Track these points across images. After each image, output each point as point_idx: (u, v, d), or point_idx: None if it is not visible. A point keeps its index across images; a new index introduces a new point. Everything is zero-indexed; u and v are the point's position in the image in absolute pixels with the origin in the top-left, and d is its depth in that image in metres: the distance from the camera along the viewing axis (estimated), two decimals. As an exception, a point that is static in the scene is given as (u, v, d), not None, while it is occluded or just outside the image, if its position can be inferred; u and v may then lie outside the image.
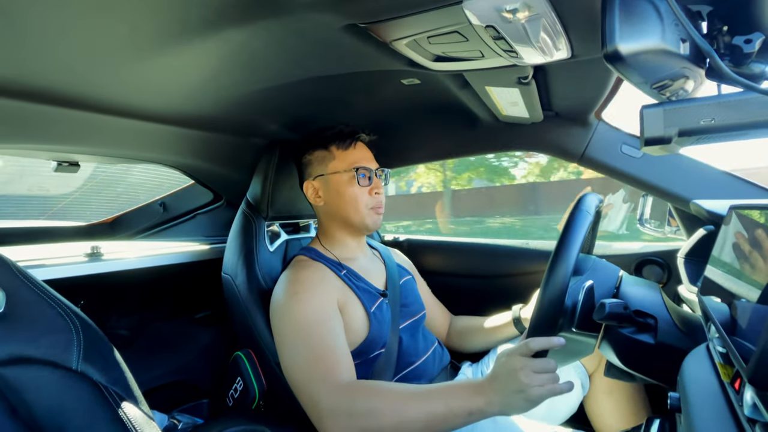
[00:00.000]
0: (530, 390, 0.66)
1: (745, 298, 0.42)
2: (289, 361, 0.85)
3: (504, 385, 0.69)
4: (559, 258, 0.68)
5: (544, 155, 2.02)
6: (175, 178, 1.59)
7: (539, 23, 0.56)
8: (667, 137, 0.47)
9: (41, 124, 0.82)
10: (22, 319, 0.51)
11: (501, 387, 0.69)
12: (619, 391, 1.02)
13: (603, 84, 0.87)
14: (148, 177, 1.72)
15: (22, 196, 1.73)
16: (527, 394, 0.66)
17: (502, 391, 0.69)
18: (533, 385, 0.66)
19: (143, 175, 1.72)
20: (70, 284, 0.87)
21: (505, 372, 0.69)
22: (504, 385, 0.69)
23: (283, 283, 0.94)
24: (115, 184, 1.79)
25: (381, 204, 1.02)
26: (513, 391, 0.67)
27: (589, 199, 0.76)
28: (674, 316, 0.71)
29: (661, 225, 1.12)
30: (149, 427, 0.53)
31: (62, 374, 0.50)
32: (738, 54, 0.46)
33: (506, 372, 0.69)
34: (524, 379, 0.67)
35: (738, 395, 0.38)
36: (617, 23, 0.43)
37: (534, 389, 0.66)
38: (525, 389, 0.66)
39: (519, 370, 0.67)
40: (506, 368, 0.69)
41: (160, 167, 1.37)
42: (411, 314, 1.04)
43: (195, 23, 0.58)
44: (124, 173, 1.77)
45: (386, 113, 1.17)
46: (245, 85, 0.85)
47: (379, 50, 0.69)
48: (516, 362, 0.68)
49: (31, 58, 0.61)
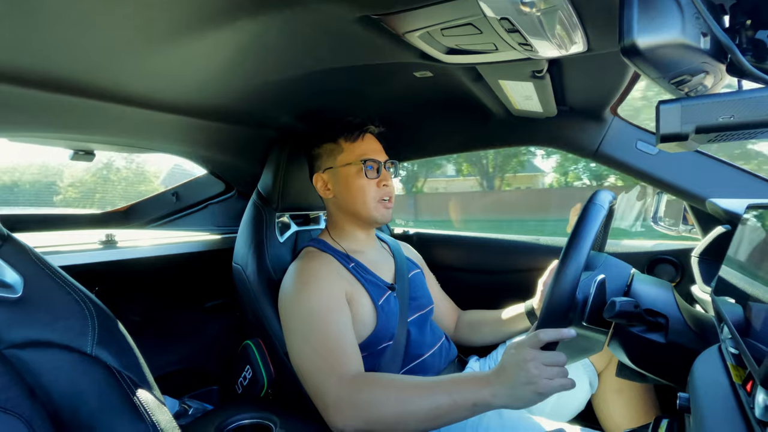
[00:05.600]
0: (539, 382, 0.65)
1: (760, 299, 0.41)
2: (297, 351, 0.86)
3: (512, 377, 0.68)
4: (572, 250, 0.68)
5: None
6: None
7: (555, 16, 0.55)
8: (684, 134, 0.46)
9: (58, 113, 0.83)
10: (39, 304, 0.52)
11: (508, 379, 0.68)
12: (629, 390, 1.01)
13: (619, 79, 0.86)
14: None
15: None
16: (536, 387, 0.65)
17: (509, 382, 0.68)
18: (542, 378, 0.65)
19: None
20: (85, 271, 0.89)
21: (514, 363, 0.68)
22: (512, 377, 0.68)
23: (291, 273, 0.95)
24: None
25: (390, 196, 1.02)
26: (521, 383, 0.67)
27: (602, 194, 0.76)
28: (686, 316, 0.70)
29: (675, 223, 1.10)
30: (161, 411, 0.54)
31: (77, 358, 0.52)
32: (761, 49, 0.44)
33: (515, 363, 0.68)
34: (533, 370, 0.66)
35: (750, 397, 0.38)
36: (635, 16, 0.42)
37: (543, 382, 0.65)
38: (534, 381, 0.65)
39: (528, 362, 0.66)
40: (515, 359, 0.68)
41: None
42: (419, 308, 1.04)
43: (210, 13, 0.58)
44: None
45: (398, 106, 1.16)
46: (258, 75, 0.85)
47: (392, 42, 0.69)
48: (525, 353, 0.67)
49: (49, 48, 0.62)
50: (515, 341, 0.71)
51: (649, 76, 0.46)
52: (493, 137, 1.26)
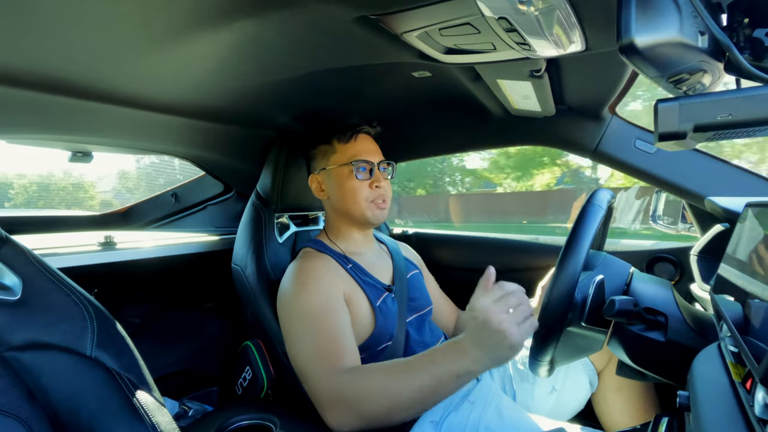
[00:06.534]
0: (510, 335, 0.65)
1: (759, 297, 0.41)
2: (296, 352, 0.86)
3: (484, 337, 0.67)
4: (570, 251, 0.68)
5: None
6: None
7: (553, 15, 0.55)
8: (683, 132, 0.46)
9: (56, 115, 0.83)
10: (38, 306, 0.52)
11: (481, 339, 0.68)
12: (628, 389, 1.01)
13: (617, 77, 0.86)
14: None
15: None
16: (509, 341, 0.65)
17: (482, 345, 0.68)
18: (511, 327, 0.65)
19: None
20: (84, 272, 0.89)
21: (482, 323, 0.67)
22: (484, 337, 0.67)
23: (290, 274, 0.95)
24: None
25: (383, 197, 1.01)
26: (495, 342, 0.66)
27: (601, 194, 0.76)
28: (685, 314, 0.70)
29: (674, 222, 1.10)
30: (160, 413, 0.54)
31: (77, 360, 0.52)
32: (758, 47, 0.45)
33: (482, 322, 0.67)
34: (500, 325, 0.65)
35: (749, 395, 0.38)
36: (633, 15, 0.42)
37: (512, 331, 0.65)
38: (505, 336, 0.65)
39: (489, 320, 0.66)
40: (476, 323, 0.68)
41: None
42: (417, 309, 1.04)
43: (208, 14, 0.58)
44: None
45: (396, 106, 1.16)
46: (256, 76, 0.85)
47: (390, 42, 0.69)
48: (482, 313, 0.67)
49: (45, 50, 0.62)
50: (470, 305, 0.71)
51: (647, 74, 0.46)
52: (491, 137, 1.26)
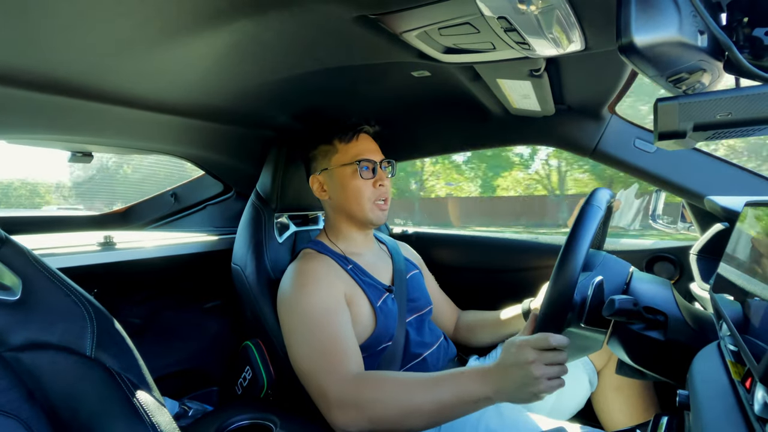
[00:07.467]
0: (540, 385, 0.66)
1: (758, 296, 0.41)
2: (297, 353, 0.86)
3: (513, 376, 0.68)
4: (569, 252, 0.68)
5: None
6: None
7: (553, 15, 0.55)
8: (682, 131, 0.46)
9: (56, 115, 0.83)
10: (38, 306, 0.52)
11: (510, 377, 0.69)
12: (628, 388, 1.01)
13: (617, 77, 0.86)
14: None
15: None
16: (536, 388, 0.66)
17: (510, 381, 0.68)
18: (543, 379, 0.66)
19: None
20: (83, 273, 0.89)
21: (516, 363, 0.68)
22: (513, 376, 0.68)
23: (290, 275, 0.95)
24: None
25: (386, 196, 1.02)
26: (522, 383, 0.67)
27: (600, 193, 0.76)
28: (685, 314, 0.70)
29: (673, 221, 1.10)
30: (160, 413, 0.54)
31: (77, 360, 0.52)
32: (758, 46, 0.45)
33: (516, 363, 0.68)
34: (536, 372, 0.66)
35: (749, 394, 0.38)
36: (633, 14, 0.42)
37: (543, 383, 0.66)
38: (535, 383, 0.66)
39: (531, 364, 0.66)
40: (516, 359, 0.68)
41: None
42: (417, 309, 1.04)
43: (207, 13, 0.58)
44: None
45: (396, 105, 1.16)
46: (255, 76, 0.85)
47: (389, 42, 0.69)
48: (528, 354, 0.67)
49: (45, 50, 0.62)
50: (516, 339, 0.71)
51: (647, 74, 0.46)
52: (491, 136, 1.26)
